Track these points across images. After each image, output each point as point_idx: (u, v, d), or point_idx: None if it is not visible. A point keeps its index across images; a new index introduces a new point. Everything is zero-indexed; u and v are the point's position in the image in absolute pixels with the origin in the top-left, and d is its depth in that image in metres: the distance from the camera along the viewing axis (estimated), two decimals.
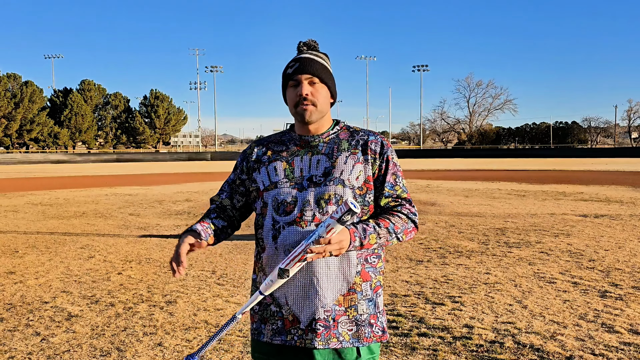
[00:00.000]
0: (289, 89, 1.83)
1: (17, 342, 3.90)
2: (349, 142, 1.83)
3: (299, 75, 1.79)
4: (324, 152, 1.81)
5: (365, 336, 1.75)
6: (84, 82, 78.32)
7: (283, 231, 1.74)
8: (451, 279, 5.55)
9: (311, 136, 1.85)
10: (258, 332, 1.81)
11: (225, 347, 3.74)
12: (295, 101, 1.80)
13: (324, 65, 1.84)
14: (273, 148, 1.88)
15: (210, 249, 7.31)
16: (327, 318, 1.72)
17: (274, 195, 1.79)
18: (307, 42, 1.88)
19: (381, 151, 1.83)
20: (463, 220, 9.99)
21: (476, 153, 68.36)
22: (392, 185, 1.82)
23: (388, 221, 1.76)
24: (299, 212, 1.73)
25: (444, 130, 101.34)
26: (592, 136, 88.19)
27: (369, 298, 1.78)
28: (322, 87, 1.82)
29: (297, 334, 1.73)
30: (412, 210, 1.83)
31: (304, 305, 1.73)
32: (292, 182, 1.78)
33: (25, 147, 71.69)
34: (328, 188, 1.75)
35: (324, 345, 1.71)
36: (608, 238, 7.84)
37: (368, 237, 1.70)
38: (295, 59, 1.83)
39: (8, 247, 7.71)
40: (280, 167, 1.81)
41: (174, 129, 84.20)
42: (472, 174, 26.94)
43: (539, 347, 3.67)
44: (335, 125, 1.89)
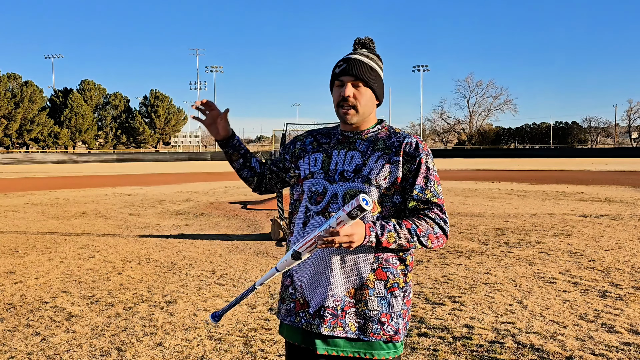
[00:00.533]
0: (334, 88, 1.87)
1: (17, 342, 3.90)
2: (384, 142, 1.84)
3: (344, 77, 1.82)
4: (360, 149, 1.85)
5: (372, 331, 1.77)
6: (84, 82, 78.37)
7: (312, 219, 1.83)
8: (451, 279, 5.55)
9: (351, 132, 1.90)
10: (278, 310, 1.93)
11: (225, 347, 3.74)
12: (338, 101, 1.84)
13: (372, 68, 1.84)
14: (319, 139, 1.96)
15: (210, 249, 7.32)
16: (336, 307, 1.77)
17: (309, 185, 1.87)
18: (363, 41, 1.90)
19: (414, 153, 1.81)
20: (463, 220, 9.99)
21: (476, 153, 68.38)
22: (422, 188, 1.80)
23: (411, 223, 1.75)
24: (326, 204, 1.81)
25: (444, 130, 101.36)
26: (592, 136, 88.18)
27: (382, 296, 1.79)
28: (366, 90, 1.83)
29: (305, 318, 1.80)
30: (441, 216, 1.79)
31: (315, 292, 1.79)
32: (326, 174, 1.85)
33: (25, 147, 71.70)
34: (355, 184, 1.79)
35: (330, 332, 1.76)
36: (608, 238, 7.84)
37: (386, 235, 1.70)
38: (344, 59, 1.86)
39: (8, 247, 7.71)
40: (320, 158, 1.89)
41: (174, 129, 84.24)
42: (472, 174, 26.94)
43: (539, 347, 3.67)
44: (378, 124, 1.91)
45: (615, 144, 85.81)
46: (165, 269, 6.17)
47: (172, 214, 11.38)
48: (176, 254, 7.06)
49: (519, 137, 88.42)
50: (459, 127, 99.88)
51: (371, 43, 1.90)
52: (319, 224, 1.80)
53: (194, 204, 13.51)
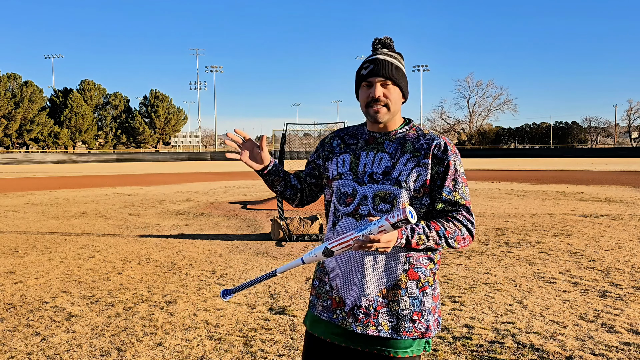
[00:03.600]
0: (362, 89, 1.87)
1: (17, 342, 3.90)
2: (413, 144, 1.85)
3: (372, 78, 1.83)
4: (388, 150, 1.86)
5: (404, 330, 1.80)
6: (84, 82, 78.35)
7: (341, 220, 1.85)
8: (451, 279, 5.55)
9: (379, 133, 1.90)
10: (312, 305, 1.96)
11: (225, 347, 3.74)
12: (367, 101, 1.85)
13: (397, 66, 1.86)
14: (347, 140, 1.97)
15: (210, 249, 7.32)
16: (369, 307, 1.81)
17: (338, 185, 1.90)
18: (383, 40, 1.90)
19: (443, 156, 1.82)
20: None
21: (476, 153, 68.38)
22: (450, 190, 1.82)
23: (439, 225, 1.77)
24: (356, 206, 1.83)
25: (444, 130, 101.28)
26: (592, 136, 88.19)
27: (414, 296, 1.82)
28: (395, 89, 1.85)
29: (341, 315, 1.85)
30: (469, 218, 1.83)
31: (349, 291, 1.84)
32: (354, 176, 1.86)
33: (25, 147, 71.70)
34: (385, 187, 1.80)
35: (362, 330, 1.80)
36: (608, 238, 7.84)
37: (416, 237, 1.72)
38: (370, 60, 1.86)
39: (8, 247, 7.71)
40: (348, 160, 1.90)
41: (174, 129, 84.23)
42: (472, 174, 26.94)
43: (539, 347, 3.67)
44: (405, 125, 1.91)
45: (615, 144, 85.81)
46: (165, 269, 6.17)
47: (172, 214, 11.38)
48: (176, 254, 7.06)
49: (519, 137, 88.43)
50: (459, 127, 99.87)
51: (391, 42, 1.91)
52: (349, 225, 1.82)
53: (194, 204, 13.51)
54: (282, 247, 7.51)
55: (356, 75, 1.90)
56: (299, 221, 8.25)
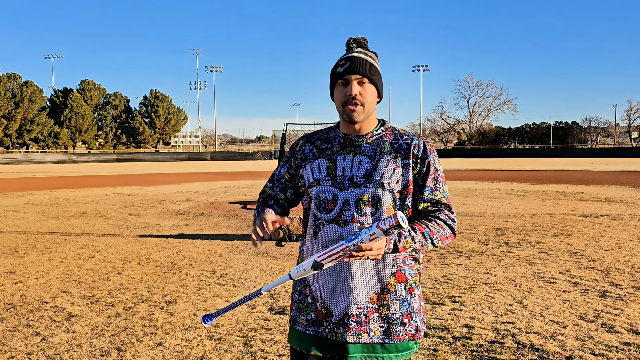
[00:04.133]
0: (337, 87, 1.84)
1: (17, 342, 3.90)
2: (392, 145, 1.83)
3: (349, 75, 1.79)
4: (367, 153, 1.82)
5: (396, 334, 1.79)
6: (84, 82, 78.36)
7: (323, 228, 1.80)
8: (451, 279, 5.55)
9: (355, 135, 1.86)
10: (294, 320, 1.89)
11: (225, 347, 3.74)
12: (344, 100, 1.81)
13: (374, 65, 1.85)
14: (319, 145, 1.91)
15: (210, 249, 7.32)
16: (359, 314, 1.77)
17: (316, 192, 1.83)
18: (357, 40, 1.87)
19: (423, 155, 1.83)
20: (463, 220, 9.99)
21: (476, 153, 68.37)
22: (431, 190, 1.83)
23: (424, 226, 1.77)
24: (339, 212, 1.77)
25: (444, 130, 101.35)
26: (592, 136, 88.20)
27: (403, 298, 1.81)
28: (371, 87, 1.82)
29: (329, 327, 1.79)
30: (451, 217, 1.83)
31: (337, 301, 1.79)
32: (333, 181, 1.81)
33: (25, 147, 71.70)
34: (367, 190, 1.77)
35: (355, 339, 1.76)
36: (608, 238, 7.84)
37: (403, 241, 1.72)
38: (346, 58, 1.83)
39: (8, 247, 7.71)
40: (324, 165, 1.85)
41: (174, 129, 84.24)
42: (472, 174, 26.93)
43: (539, 347, 3.67)
44: (381, 126, 1.89)
45: (615, 144, 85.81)
46: (165, 269, 6.16)
47: (172, 214, 11.38)
48: (176, 254, 7.06)
49: (519, 137, 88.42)
50: (459, 127, 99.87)
51: (365, 42, 1.88)
52: (332, 232, 1.78)
53: (194, 204, 13.51)
54: (282, 247, 7.50)
55: (331, 74, 1.86)
56: (299, 221, 8.25)
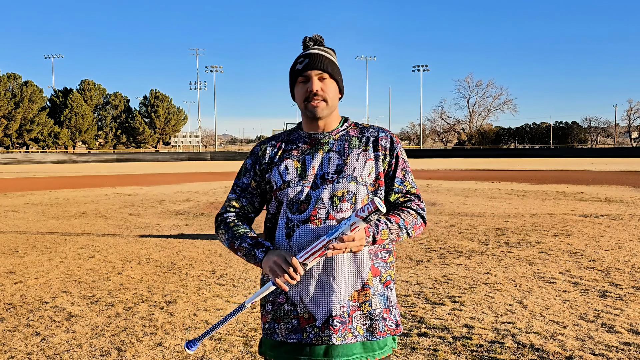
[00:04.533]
0: (298, 85, 1.82)
1: (17, 342, 3.90)
2: (359, 139, 1.84)
3: (309, 71, 1.78)
4: (335, 149, 1.81)
5: (379, 330, 1.78)
6: (84, 82, 78.36)
7: (297, 229, 1.76)
8: (451, 279, 5.55)
9: (320, 133, 1.85)
10: (271, 332, 1.81)
11: (225, 347, 3.74)
12: (305, 97, 1.79)
13: (333, 61, 1.84)
14: (283, 147, 1.87)
15: (210, 249, 7.32)
16: (343, 314, 1.74)
17: (287, 194, 1.79)
18: (314, 38, 1.87)
19: (391, 147, 1.85)
20: (463, 220, 9.99)
21: (476, 153, 68.36)
22: (401, 181, 1.85)
23: (399, 217, 1.79)
24: (313, 210, 1.75)
25: (444, 130, 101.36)
26: (592, 136, 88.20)
27: (381, 293, 1.80)
28: (332, 83, 1.82)
29: (314, 332, 1.74)
30: (421, 206, 1.86)
31: (320, 303, 1.75)
32: (304, 181, 1.78)
33: (25, 147, 71.70)
34: (341, 185, 1.76)
35: (341, 340, 1.73)
36: (608, 238, 7.84)
37: (380, 233, 1.72)
38: (304, 55, 1.82)
39: (8, 247, 7.71)
40: (292, 166, 1.81)
41: (174, 129, 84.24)
42: (472, 174, 26.93)
43: (539, 347, 3.67)
44: (344, 122, 1.89)
45: (615, 144, 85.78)
46: (165, 269, 6.16)
47: (172, 214, 11.37)
48: (176, 254, 7.06)
49: (519, 137, 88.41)
50: (459, 127, 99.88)
51: (322, 39, 1.87)
52: (308, 232, 1.74)
53: (194, 204, 13.51)
54: None
55: (290, 72, 1.85)
56: None
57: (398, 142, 1.86)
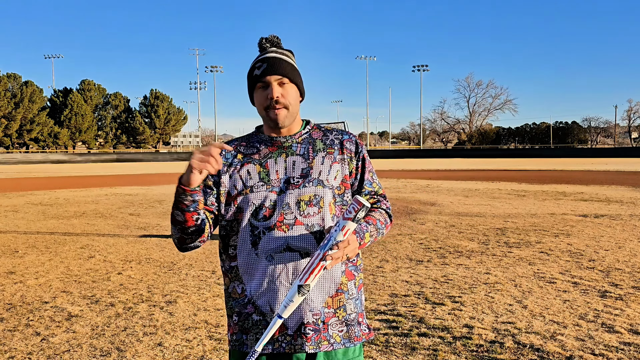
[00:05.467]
0: (257, 91, 1.75)
1: (17, 342, 3.90)
2: (323, 142, 1.80)
3: (268, 77, 1.71)
4: (299, 152, 1.76)
5: (355, 335, 1.74)
6: (84, 82, 78.39)
7: (263, 236, 1.68)
8: (451, 279, 5.55)
9: (283, 137, 1.78)
10: (240, 343, 1.74)
11: (225, 347, 3.74)
12: (266, 104, 1.72)
13: (292, 64, 1.77)
14: (243, 151, 1.78)
15: (210, 249, 7.32)
16: (317, 321, 1.68)
17: (250, 200, 1.70)
18: (270, 39, 1.78)
19: (357, 150, 1.82)
20: (463, 220, 9.99)
21: (476, 153, 68.38)
22: (370, 182, 1.84)
23: (375, 219, 1.78)
24: (279, 216, 1.67)
25: (444, 130, 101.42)
26: (592, 136, 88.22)
27: (355, 297, 1.76)
28: (292, 87, 1.75)
29: (286, 341, 1.67)
30: (388, 205, 1.88)
31: None
32: (268, 185, 1.71)
33: (25, 147, 71.70)
34: (307, 189, 1.70)
35: (315, 348, 1.67)
36: (608, 238, 7.84)
37: (364, 237, 1.70)
38: (261, 59, 1.74)
39: (8, 247, 7.71)
40: (254, 170, 1.73)
41: (174, 129, 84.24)
42: (472, 174, 26.94)
43: (539, 347, 3.67)
44: (306, 124, 1.84)
45: (615, 144, 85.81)
46: (165, 269, 6.17)
47: None
48: (176, 254, 7.06)
49: (519, 137, 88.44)
50: (459, 127, 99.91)
51: (279, 40, 1.80)
52: (275, 239, 1.66)
53: None
54: None
55: (248, 78, 1.77)
56: None
57: (362, 145, 1.85)
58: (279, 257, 1.67)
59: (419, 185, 18.88)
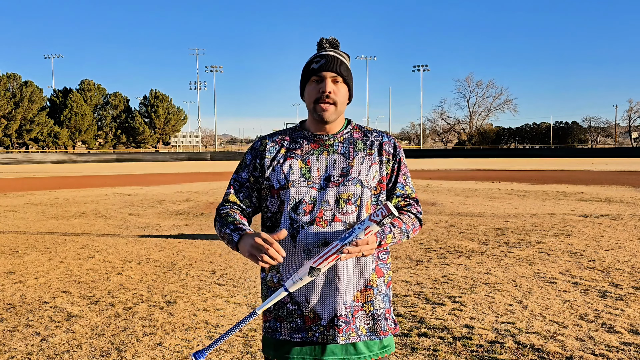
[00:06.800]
0: (310, 84, 1.82)
1: (17, 342, 3.90)
2: (363, 143, 1.86)
3: (324, 72, 1.78)
4: (340, 151, 1.82)
5: (381, 329, 1.81)
6: (83, 82, 78.37)
7: (302, 230, 1.75)
8: (451, 279, 5.55)
9: (325, 135, 1.85)
10: (273, 331, 1.82)
11: (225, 347, 3.74)
12: (316, 97, 1.79)
13: (347, 66, 1.85)
14: (286, 145, 1.85)
15: (210, 249, 7.32)
16: (347, 314, 1.77)
17: (291, 194, 1.78)
18: (330, 40, 1.87)
19: (394, 153, 1.88)
20: (463, 220, 9.99)
21: (476, 153, 68.37)
22: (402, 185, 1.90)
23: (401, 222, 1.82)
24: (319, 212, 1.75)
25: (444, 130, 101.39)
26: (592, 136, 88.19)
27: (384, 293, 1.84)
28: (344, 87, 1.82)
29: (319, 331, 1.76)
30: (419, 210, 1.91)
31: (326, 303, 1.77)
32: (309, 182, 1.78)
33: (25, 147, 71.70)
34: (347, 188, 1.77)
35: (345, 340, 1.76)
36: (608, 238, 7.84)
37: (385, 238, 1.75)
38: (320, 55, 1.82)
39: (8, 247, 7.71)
40: (296, 166, 1.80)
41: (173, 129, 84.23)
42: (472, 174, 26.93)
43: (539, 347, 3.67)
44: (348, 124, 1.90)
45: (615, 144, 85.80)
46: (165, 269, 6.16)
47: (172, 214, 11.37)
48: (176, 254, 7.06)
49: (519, 137, 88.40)
50: (459, 127, 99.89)
51: (337, 43, 1.88)
52: (314, 234, 1.74)
53: (194, 204, 13.51)
54: None
55: (304, 70, 1.84)
56: None
57: (400, 148, 1.91)
58: (316, 250, 1.74)
59: (419, 185, 18.87)
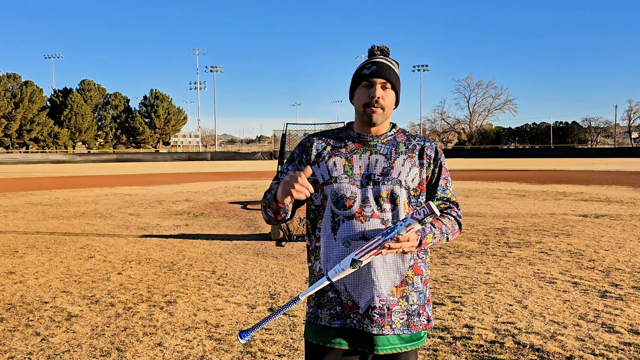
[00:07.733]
0: (360, 88, 1.92)
1: (17, 342, 3.90)
2: (406, 146, 1.96)
3: (374, 78, 1.89)
4: (383, 152, 1.92)
5: (414, 324, 1.90)
6: (84, 82, 78.33)
7: (342, 224, 1.86)
8: (451, 279, 5.55)
9: (370, 136, 1.95)
10: (315, 317, 1.93)
11: (225, 347, 3.74)
12: (366, 102, 1.89)
13: (396, 73, 1.95)
14: (332, 144, 1.97)
15: (210, 249, 7.32)
16: (382, 307, 1.85)
17: (333, 190, 1.89)
18: (381, 48, 1.97)
19: (435, 157, 1.98)
20: (463, 220, 9.98)
21: (476, 153, 68.37)
22: (443, 189, 1.98)
23: (441, 223, 1.91)
24: (359, 208, 1.85)
25: (444, 130, 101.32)
26: (592, 136, 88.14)
27: (420, 290, 1.92)
28: (392, 93, 1.93)
29: (356, 318, 1.87)
30: (459, 213, 1.99)
31: (362, 293, 1.86)
32: (351, 179, 1.89)
33: (25, 147, 71.69)
34: (386, 187, 1.87)
35: (378, 331, 1.85)
36: (608, 238, 7.84)
37: (426, 237, 1.83)
38: (372, 62, 1.92)
39: (8, 247, 7.71)
40: (340, 163, 1.91)
41: (174, 129, 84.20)
42: (472, 174, 26.94)
43: (539, 347, 3.67)
44: (392, 128, 2.00)
45: (615, 144, 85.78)
46: (165, 269, 6.16)
47: (172, 214, 11.37)
48: (176, 254, 7.06)
49: (519, 137, 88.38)
50: (459, 127, 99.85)
51: (388, 51, 1.98)
52: (353, 228, 1.84)
53: (194, 204, 13.51)
54: (282, 247, 7.50)
55: (355, 74, 1.95)
56: (299, 221, 8.24)
57: (441, 153, 2.00)
58: (355, 243, 1.85)
59: None
